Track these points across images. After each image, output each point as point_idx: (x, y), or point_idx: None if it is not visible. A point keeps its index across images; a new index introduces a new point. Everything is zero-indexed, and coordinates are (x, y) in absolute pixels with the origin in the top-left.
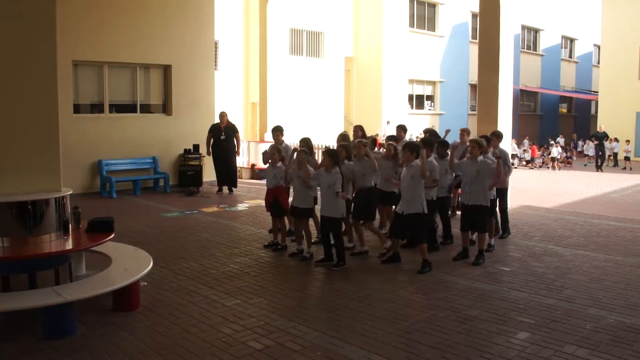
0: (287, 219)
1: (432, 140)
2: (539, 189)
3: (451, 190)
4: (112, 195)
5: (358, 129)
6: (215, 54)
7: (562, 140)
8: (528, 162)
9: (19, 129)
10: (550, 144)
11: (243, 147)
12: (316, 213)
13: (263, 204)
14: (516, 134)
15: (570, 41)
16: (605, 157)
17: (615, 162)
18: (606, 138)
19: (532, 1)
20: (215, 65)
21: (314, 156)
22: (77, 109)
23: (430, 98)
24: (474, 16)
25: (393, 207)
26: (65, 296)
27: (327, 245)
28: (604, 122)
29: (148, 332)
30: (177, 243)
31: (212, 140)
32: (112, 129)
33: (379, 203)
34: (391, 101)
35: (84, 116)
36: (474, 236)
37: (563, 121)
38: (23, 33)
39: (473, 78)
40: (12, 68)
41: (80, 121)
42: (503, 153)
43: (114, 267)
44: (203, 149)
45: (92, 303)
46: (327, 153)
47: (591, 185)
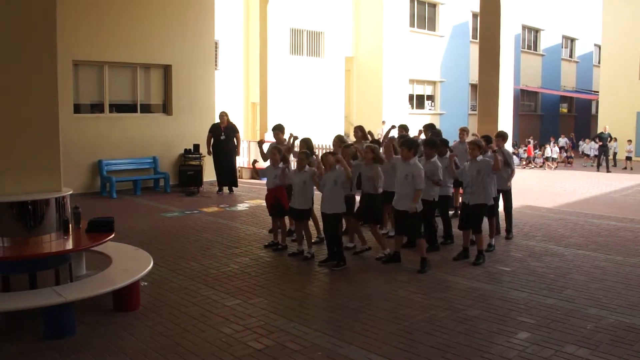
0: (288, 219)
1: (435, 140)
2: (540, 189)
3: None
4: (113, 195)
5: (358, 130)
6: (215, 54)
7: (564, 140)
8: (528, 162)
9: (20, 129)
10: (550, 144)
11: (243, 147)
12: (315, 213)
13: (263, 204)
14: (517, 134)
15: (570, 41)
16: (609, 158)
17: (614, 162)
18: (610, 139)
19: (533, 1)
20: (215, 65)
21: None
22: (78, 109)
23: (430, 98)
24: (475, 16)
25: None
26: (65, 296)
27: (331, 244)
28: (605, 122)
29: (148, 332)
30: (178, 243)
31: (212, 140)
32: (113, 129)
33: (383, 211)
34: (391, 101)
35: (84, 116)
36: (475, 236)
37: (564, 121)
38: (23, 33)
39: (473, 78)
40: (13, 68)
41: (80, 121)
42: (506, 154)
43: (114, 267)
44: (203, 149)
45: (93, 303)
46: (330, 153)
47: (592, 185)
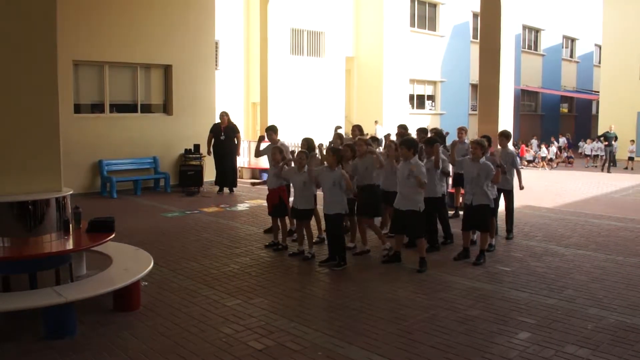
0: (288, 219)
1: (437, 139)
2: (540, 189)
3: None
4: (113, 195)
5: (356, 129)
6: (215, 54)
7: (563, 140)
8: (529, 162)
9: (20, 129)
10: (545, 144)
11: (244, 147)
12: (318, 213)
13: (264, 204)
14: (517, 134)
15: (571, 41)
16: (614, 158)
17: (614, 163)
18: (615, 139)
19: (533, 1)
20: (215, 65)
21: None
22: (78, 109)
23: (431, 98)
24: (475, 16)
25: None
26: (65, 296)
27: (333, 244)
28: (605, 122)
29: (149, 332)
30: (178, 243)
31: (213, 140)
32: (113, 129)
33: (382, 202)
34: (392, 101)
35: (85, 116)
36: (475, 236)
37: (564, 121)
38: (23, 33)
39: (474, 78)
40: (13, 68)
41: (80, 121)
42: (511, 154)
43: (115, 267)
44: (204, 149)
45: (93, 303)
46: (331, 151)
47: (592, 185)
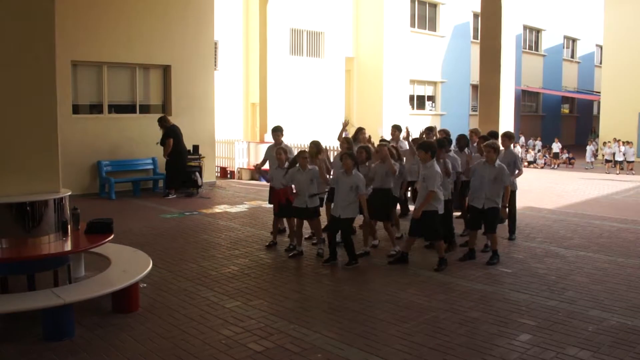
0: (287, 220)
1: (446, 140)
2: (540, 190)
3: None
4: (111, 196)
5: (364, 131)
6: (215, 54)
7: (558, 145)
8: (530, 163)
9: (18, 130)
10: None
11: (242, 148)
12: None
13: (263, 205)
14: (517, 135)
15: (572, 41)
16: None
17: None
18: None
19: (534, 1)
20: (215, 65)
21: (326, 157)
22: (76, 110)
23: (431, 98)
24: (476, 16)
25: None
26: (64, 298)
27: (334, 245)
28: (607, 123)
29: (147, 334)
30: (177, 244)
31: (174, 143)
32: (112, 130)
33: (394, 206)
34: (392, 102)
35: (83, 117)
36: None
37: (565, 122)
38: (22, 33)
39: (474, 78)
40: (11, 68)
41: (79, 122)
42: (514, 154)
43: (113, 269)
44: (203, 150)
45: (91, 305)
46: (348, 156)
47: (593, 186)
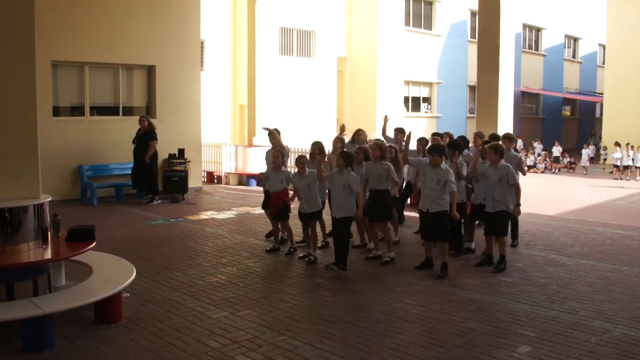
0: (283, 224)
1: (459, 141)
2: (541, 195)
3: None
4: (94, 202)
5: (362, 132)
6: (201, 54)
7: (559, 149)
8: (530, 168)
9: None
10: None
11: (230, 152)
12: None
13: (252, 211)
14: (515, 139)
15: (573, 40)
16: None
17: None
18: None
19: None
20: (201, 65)
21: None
22: (57, 112)
23: (427, 100)
24: (473, 14)
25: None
26: (44, 308)
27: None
28: (610, 126)
29: (131, 346)
30: (162, 252)
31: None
32: (93, 133)
33: (393, 207)
34: (386, 103)
35: (64, 119)
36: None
37: (566, 124)
38: (1, 32)
39: (472, 79)
40: None
41: (60, 124)
42: (516, 157)
43: (95, 278)
44: (188, 154)
45: (73, 315)
46: (342, 155)
47: (595, 192)
